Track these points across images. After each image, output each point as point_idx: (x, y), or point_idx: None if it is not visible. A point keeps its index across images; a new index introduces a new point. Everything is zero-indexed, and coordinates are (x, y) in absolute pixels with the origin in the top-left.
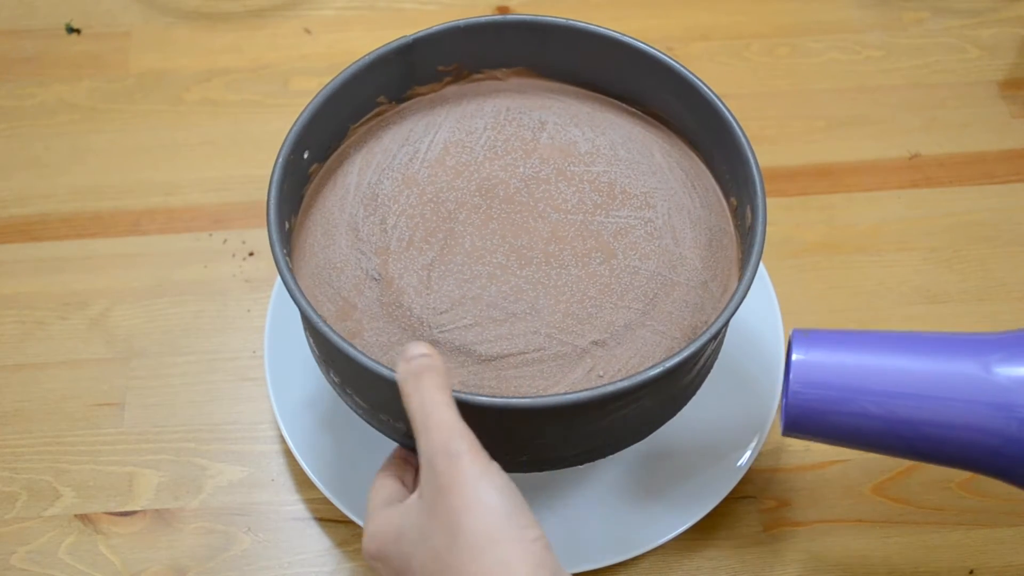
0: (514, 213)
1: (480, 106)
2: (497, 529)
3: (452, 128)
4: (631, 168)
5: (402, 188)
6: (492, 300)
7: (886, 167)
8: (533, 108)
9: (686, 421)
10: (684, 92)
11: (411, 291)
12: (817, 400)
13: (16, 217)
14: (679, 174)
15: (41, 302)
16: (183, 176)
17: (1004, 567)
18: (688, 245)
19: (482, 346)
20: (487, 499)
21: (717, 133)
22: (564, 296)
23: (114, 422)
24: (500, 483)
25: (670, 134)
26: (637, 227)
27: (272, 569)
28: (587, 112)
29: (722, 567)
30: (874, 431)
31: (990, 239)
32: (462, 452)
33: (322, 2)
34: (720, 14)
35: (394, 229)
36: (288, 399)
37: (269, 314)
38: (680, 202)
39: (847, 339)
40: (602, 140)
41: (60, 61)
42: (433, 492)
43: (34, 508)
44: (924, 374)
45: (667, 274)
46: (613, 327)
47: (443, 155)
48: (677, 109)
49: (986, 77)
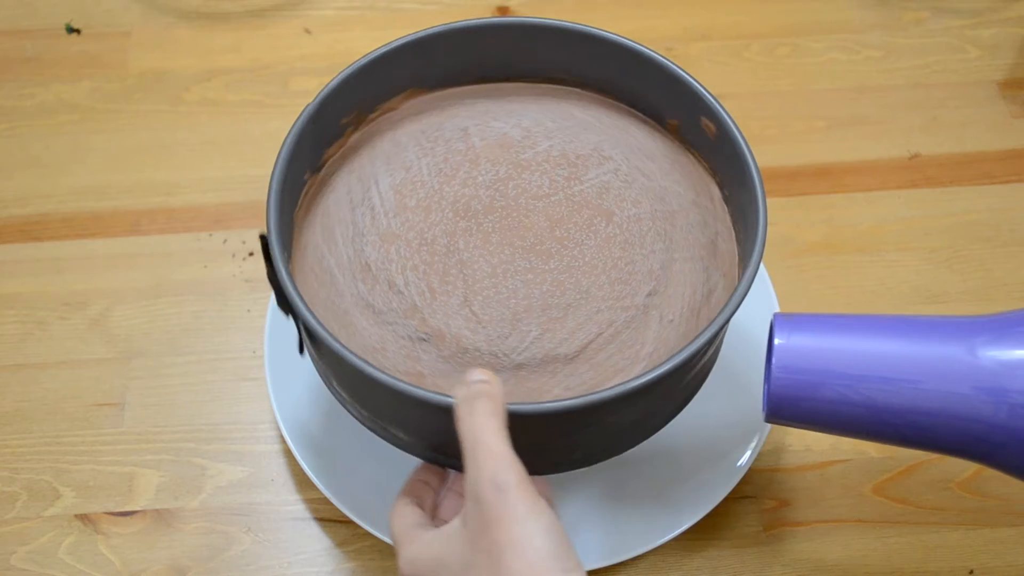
0: (504, 219)
1: (395, 140)
2: (540, 570)
3: (387, 171)
4: (568, 134)
5: (387, 247)
6: (542, 303)
7: (886, 167)
8: (444, 120)
9: (686, 421)
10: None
11: (467, 334)
12: (799, 385)
13: (16, 217)
14: (607, 121)
15: (41, 302)
16: (183, 176)
17: (1004, 567)
18: (657, 175)
19: (563, 347)
20: (533, 539)
21: (680, 96)
22: (598, 268)
23: (114, 422)
24: (546, 523)
25: (581, 94)
26: (611, 180)
27: (272, 569)
28: (494, 103)
29: (722, 567)
30: (858, 416)
31: (990, 239)
32: (510, 486)
33: (322, 2)
34: (720, 14)
35: (408, 287)
36: (288, 399)
37: (269, 314)
38: (627, 142)
39: (830, 323)
40: (526, 122)
41: (60, 61)
42: (478, 524)
43: (34, 508)
44: (909, 358)
45: (662, 207)
46: (653, 273)
47: (400, 199)
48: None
49: (986, 77)
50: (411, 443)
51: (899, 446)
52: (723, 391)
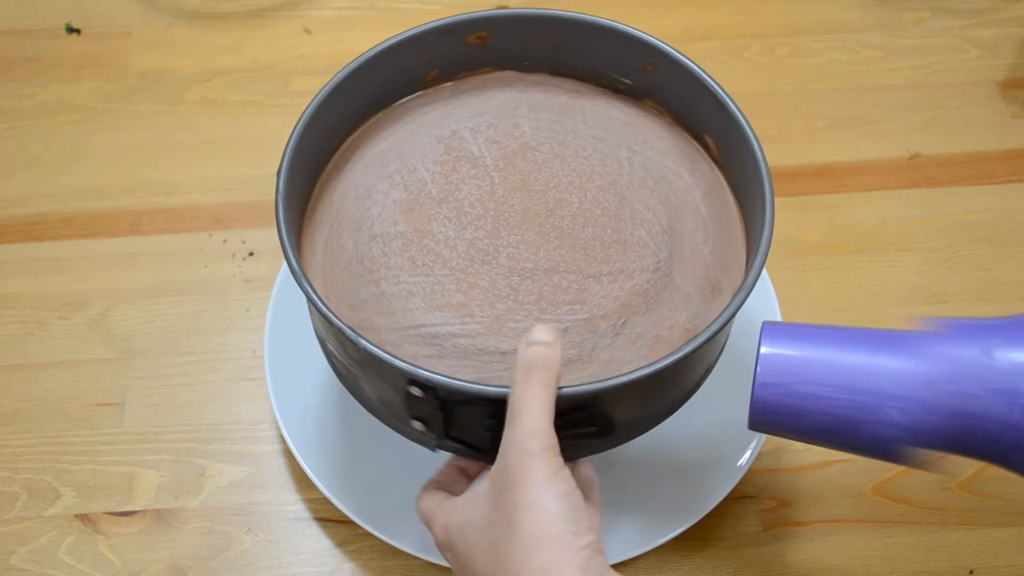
0: (528, 208)
1: (381, 155)
2: (550, 532)
3: (384, 186)
4: (545, 124)
5: (418, 279)
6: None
7: (886, 167)
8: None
9: (686, 421)
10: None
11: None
12: (784, 394)
13: (16, 217)
14: (578, 97)
15: (41, 302)
16: (183, 176)
17: (1004, 567)
18: (641, 143)
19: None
20: (547, 502)
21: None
22: (628, 226)
23: (114, 422)
24: (564, 489)
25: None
26: (604, 149)
27: (272, 569)
28: (470, 102)
29: (722, 567)
30: (839, 427)
31: (990, 239)
32: (536, 452)
33: (322, 2)
34: (720, 14)
35: (481, 309)
36: (288, 399)
37: (269, 314)
38: (599, 113)
39: (818, 334)
40: (505, 109)
41: (60, 61)
42: (501, 484)
43: (34, 508)
44: (893, 372)
45: (659, 163)
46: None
47: (411, 215)
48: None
49: (986, 77)
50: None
51: (878, 459)
52: (723, 391)
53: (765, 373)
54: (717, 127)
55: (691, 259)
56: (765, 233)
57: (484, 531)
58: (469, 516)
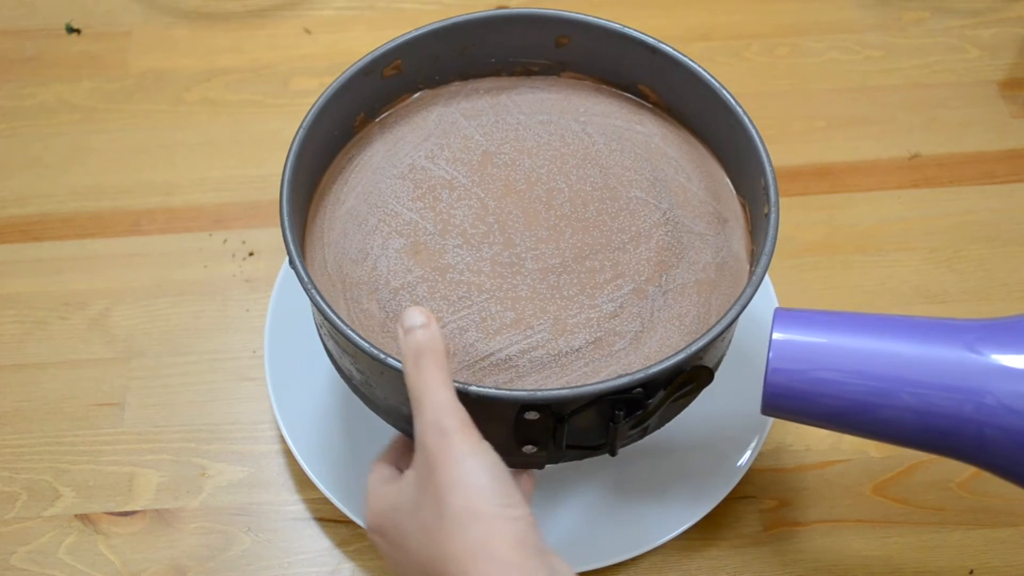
0: (526, 209)
1: (352, 213)
2: (481, 506)
3: (377, 240)
4: (490, 127)
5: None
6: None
7: (886, 167)
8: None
9: (686, 421)
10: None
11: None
12: (796, 380)
13: (16, 217)
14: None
15: (41, 302)
16: (183, 176)
17: (1004, 567)
18: (583, 112)
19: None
20: (473, 477)
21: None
22: (622, 191)
23: (114, 422)
24: (488, 462)
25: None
26: (557, 129)
27: (272, 569)
28: (406, 132)
29: (722, 567)
30: (853, 412)
31: (990, 239)
32: (453, 430)
33: (322, 2)
34: (720, 14)
35: (536, 318)
36: (288, 399)
37: (269, 314)
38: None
39: (830, 320)
40: (445, 126)
41: (60, 61)
42: (424, 468)
43: (34, 508)
44: (905, 357)
45: (610, 124)
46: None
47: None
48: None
49: (986, 77)
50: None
51: (894, 444)
52: (723, 391)
53: (778, 359)
54: (650, 72)
55: (686, 201)
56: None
57: (412, 516)
58: (395, 501)
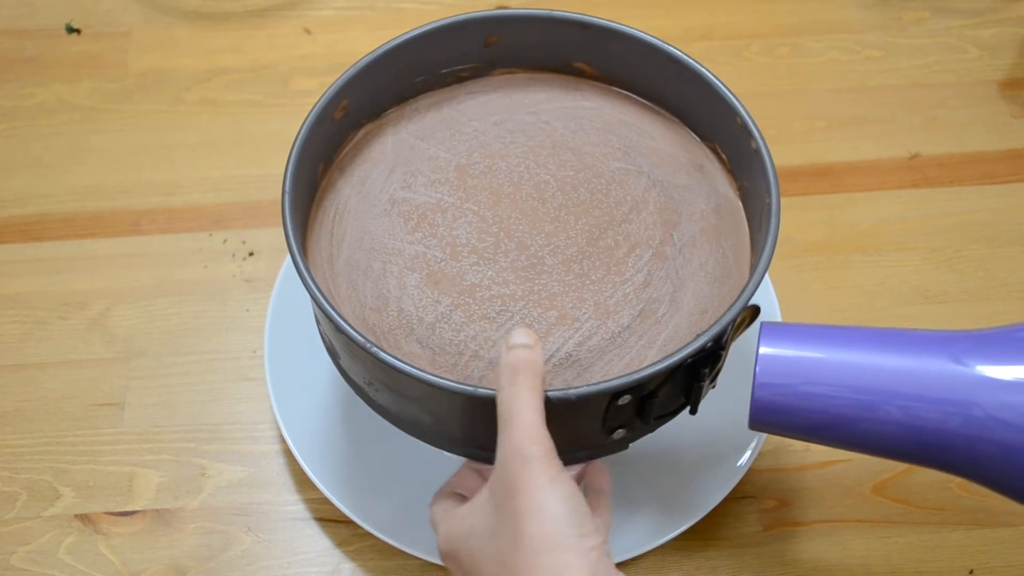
0: (523, 210)
1: (352, 265)
2: (557, 536)
3: (392, 283)
4: (449, 141)
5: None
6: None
7: (886, 167)
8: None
9: (686, 421)
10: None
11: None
12: (783, 395)
13: (16, 217)
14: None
15: (41, 302)
16: (183, 176)
17: (1004, 567)
18: (528, 103)
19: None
20: (551, 506)
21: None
22: (604, 167)
23: (114, 422)
24: (566, 492)
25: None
26: (514, 126)
27: (272, 569)
28: (367, 169)
29: (722, 567)
30: (841, 426)
31: (990, 239)
32: (535, 457)
33: (322, 2)
34: (720, 14)
35: (580, 311)
36: (288, 399)
37: (269, 314)
38: (554, 108)
39: (817, 334)
40: (405, 154)
41: (60, 61)
42: (502, 492)
43: (34, 508)
44: (892, 370)
45: (559, 108)
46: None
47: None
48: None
49: (986, 77)
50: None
51: (882, 457)
52: (723, 391)
53: (764, 374)
54: (583, 48)
55: (660, 159)
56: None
57: (488, 539)
58: (471, 525)
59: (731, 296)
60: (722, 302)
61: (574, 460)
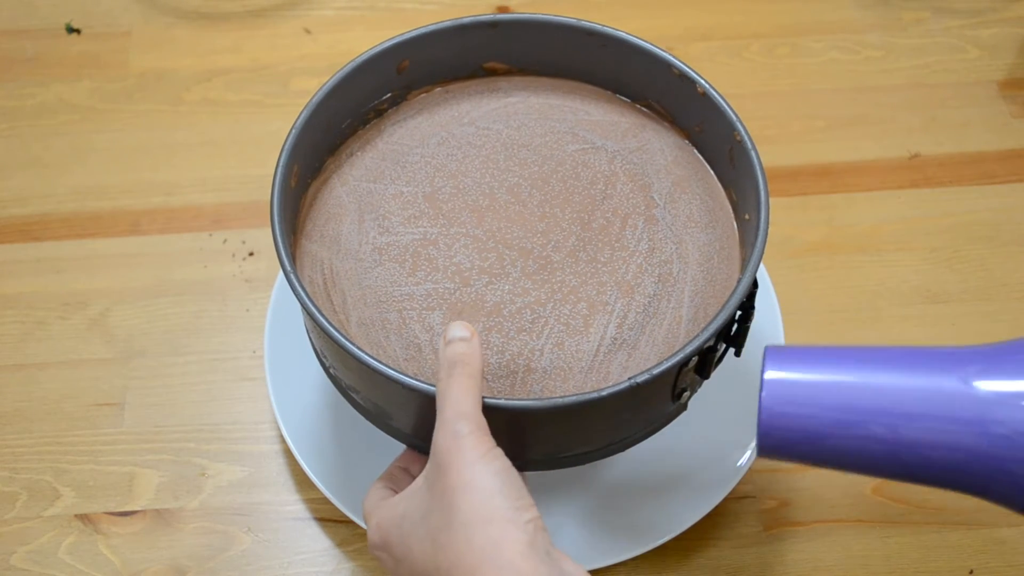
0: (509, 215)
1: (366, 324)
2: (491, 509)
3: (416, 328)
4: (404, 172)
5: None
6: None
7: (886, 167)
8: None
9: (686, 421)
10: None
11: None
12: (792, 420)
13: (16, 217)
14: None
15: (41, 302)
16: (183, 176)
17: (1004, 567)
18: (466, 112)
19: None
20: (482, 480)
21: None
22: (575, 154)
23: (114, 422)
24: (498, 466)
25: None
26: (465, 137)
27: (272, 569)
28: (330, 211)
29: (722, 567)
30: (851, 451)
31: (990, 239)
32: (465, 434)
33: (322, 2)
34: (720, 14)
35: (608, 296)
36: (288, 399)
37: (269, 314)
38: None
39: (822, 356)
40: (368, 196)
41: (60, 61)
42: (434, 471)
43: (34, 508)
44: (901, 391)
45: (501, 108)
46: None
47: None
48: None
49: (986, 77)
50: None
51: (897, 480)
52: (723, 391)
53: (771, 399)
54: (492, 49)
55: (602, 130)
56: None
57: (420, 521)
58: (403, 509)
59: (728, 237)
60: (722, 245)
61: (648, 435)
